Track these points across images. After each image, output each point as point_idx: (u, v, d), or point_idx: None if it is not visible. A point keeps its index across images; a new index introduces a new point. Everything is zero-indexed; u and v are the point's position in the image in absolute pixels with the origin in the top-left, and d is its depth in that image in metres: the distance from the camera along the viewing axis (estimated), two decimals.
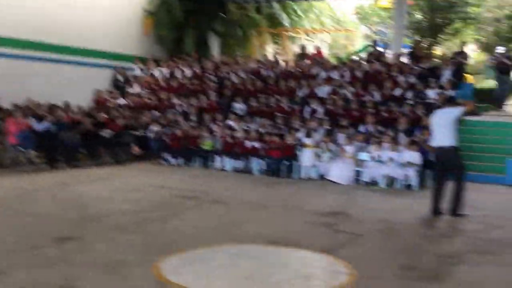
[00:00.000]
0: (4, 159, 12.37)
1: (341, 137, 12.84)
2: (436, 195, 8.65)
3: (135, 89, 18.46)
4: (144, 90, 17.95)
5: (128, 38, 19.35)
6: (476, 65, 25.04)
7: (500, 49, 17.41)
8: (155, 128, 14.50)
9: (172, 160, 14.12)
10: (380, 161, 11.81)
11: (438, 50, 22.16)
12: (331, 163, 12.30)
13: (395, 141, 12.31)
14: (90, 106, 16.72)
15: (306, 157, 12.39)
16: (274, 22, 24.24)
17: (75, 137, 12.92)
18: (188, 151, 14.06)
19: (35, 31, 15.77)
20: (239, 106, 16.18)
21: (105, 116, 14.42)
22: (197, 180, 11.80)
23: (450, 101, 10.02)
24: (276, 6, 23.21)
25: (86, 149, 13.45)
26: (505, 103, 16.87)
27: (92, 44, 17.88)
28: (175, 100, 17.01)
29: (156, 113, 16.30)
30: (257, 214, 8.58)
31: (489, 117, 16.06)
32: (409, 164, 11.49)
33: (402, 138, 12.70)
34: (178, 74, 18.66)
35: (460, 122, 14.71)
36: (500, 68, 16.75)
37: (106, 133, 13.84)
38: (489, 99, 17.26)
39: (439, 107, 14.03)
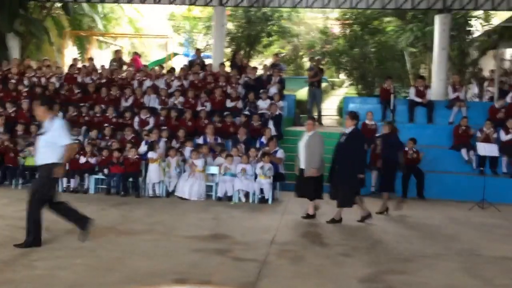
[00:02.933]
0: None
1: (187, 150, 12.07)
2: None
3: None
4: None
5: None
6: None
7: (315, 60, 18.21)
8: None
9: None
10: (232, 175, 11.36)
11: (253, 61, 22.63)
12: (180, 179, 11.49)
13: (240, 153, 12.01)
14: None
15: (153, 173, 11.35)
16: (76, 24, 22.30)
17: None
18: (4, 169, 11.93)
19: None
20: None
21: None
22: None
23: None
24: (83, 8, 21.30)
25: None
26: (320, 115, 17.65)
27: None
28: None
29: None
30: (132, 244, 7.40)
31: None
32: (263, 176, 11.24)
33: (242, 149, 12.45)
34: None
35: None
36: (311, 81, 17.45)
37: None
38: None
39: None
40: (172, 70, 16.85)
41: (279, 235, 8.20)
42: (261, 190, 11.25)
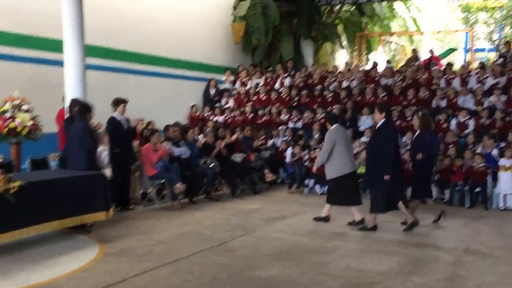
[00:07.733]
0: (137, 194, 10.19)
1: None
2: None
3: (230, 103, 16.33)
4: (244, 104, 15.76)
5: (217, 47, 17.20)
6: None
7: None
8: (294, 150, 12.23)
9: (317, 188, 11.84)
10: None
11: None
12: None
13: None
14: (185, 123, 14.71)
15: (505, 183, 10.10)
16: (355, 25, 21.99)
17: (214, 165, 10.69)
18: None
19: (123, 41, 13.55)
20: (366, 121, 13.99)
21: (233, 137, 12.13)
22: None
23: None
24: (372, 8, 20.89)
25: (223, 178, 11.24)
26: None
27: (183, 55, 15.74)
28: (284, 115, 14.86)
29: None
30: None
31: None
32: None
33: None
34: (276, 85, 16.50)
35: None
36: None
37: (237, 157, 11.59)
38: None
39: None
40: (482, 66, 15.35)
41: None
42: None
